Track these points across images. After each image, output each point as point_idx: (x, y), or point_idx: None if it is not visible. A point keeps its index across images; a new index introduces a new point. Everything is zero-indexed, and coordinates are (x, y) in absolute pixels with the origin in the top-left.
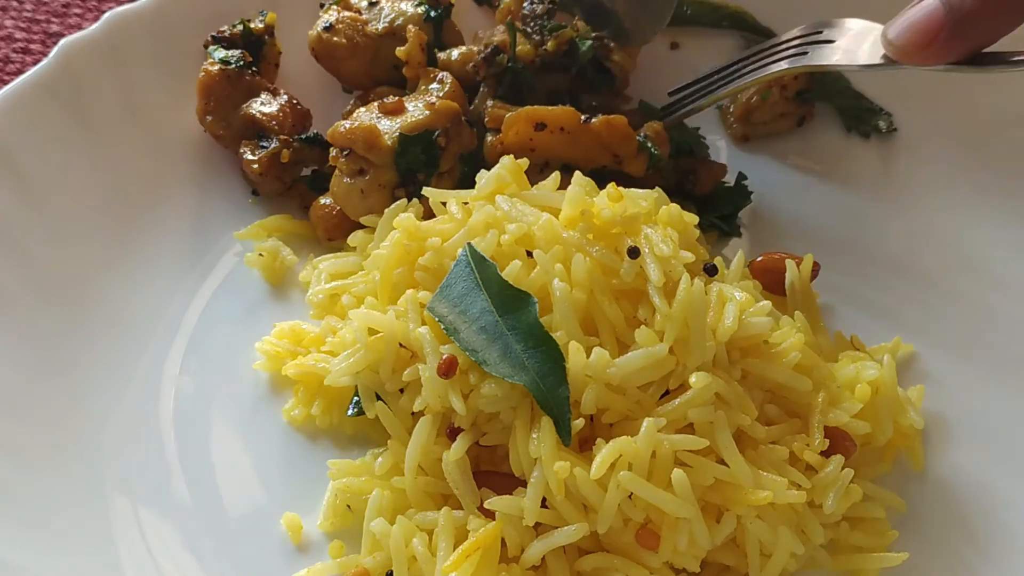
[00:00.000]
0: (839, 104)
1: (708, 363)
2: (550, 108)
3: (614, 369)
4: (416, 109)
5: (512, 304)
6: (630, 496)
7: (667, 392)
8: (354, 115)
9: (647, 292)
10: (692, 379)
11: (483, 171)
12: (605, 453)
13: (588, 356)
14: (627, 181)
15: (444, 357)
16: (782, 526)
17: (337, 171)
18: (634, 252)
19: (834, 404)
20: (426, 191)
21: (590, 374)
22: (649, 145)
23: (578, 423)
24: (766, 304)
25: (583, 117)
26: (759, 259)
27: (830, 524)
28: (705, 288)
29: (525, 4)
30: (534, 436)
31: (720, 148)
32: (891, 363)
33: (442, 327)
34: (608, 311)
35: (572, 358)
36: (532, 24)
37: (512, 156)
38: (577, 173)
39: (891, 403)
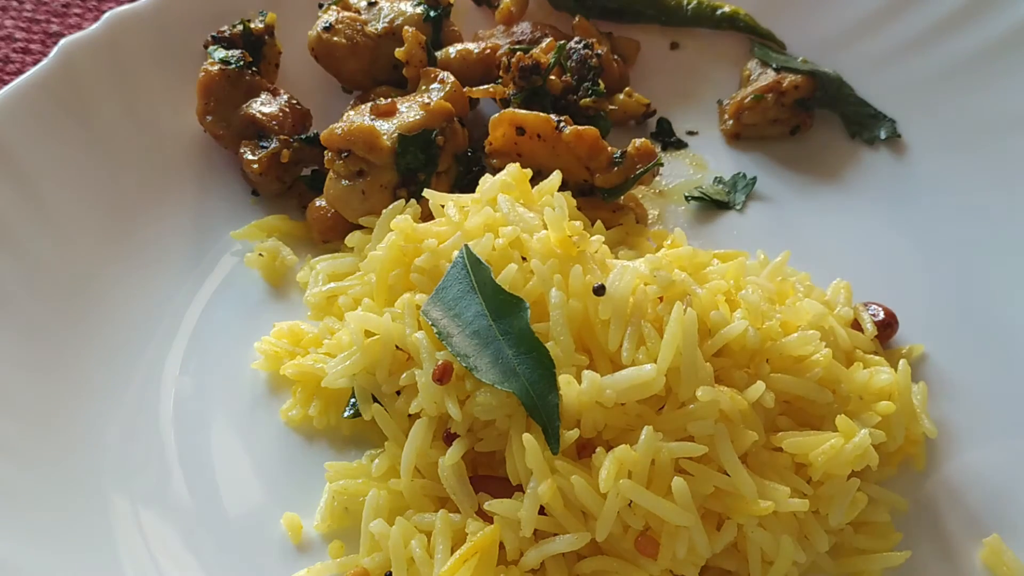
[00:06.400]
0: (843, 111)
1: (709, 378)
2: (528, 113)
3: (609, 392)
4: (410, 110)
5: (505, 308)
6: (629, 504)
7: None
8: (344, 117)
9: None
10: (699, 392)
11: (487, 175)
12: (609, 466)
13: (578, 376)
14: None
15: (439, 363)
16: (784, 536)
17: (331, 174)
18: (600, 290)
19: (853, 416)
20: (427, 193)
21: (585, 400)
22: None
23: (572, 434)
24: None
25: (558, 125)
26: None
27: (834, 530)
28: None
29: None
30: None
31: (718, 145)
32: (906, 369)
33: (435, 332)
34: (599, 330)
35: (565, 389)
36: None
37: (518, 164)
38: (557, 194)
39: (905, 411)
